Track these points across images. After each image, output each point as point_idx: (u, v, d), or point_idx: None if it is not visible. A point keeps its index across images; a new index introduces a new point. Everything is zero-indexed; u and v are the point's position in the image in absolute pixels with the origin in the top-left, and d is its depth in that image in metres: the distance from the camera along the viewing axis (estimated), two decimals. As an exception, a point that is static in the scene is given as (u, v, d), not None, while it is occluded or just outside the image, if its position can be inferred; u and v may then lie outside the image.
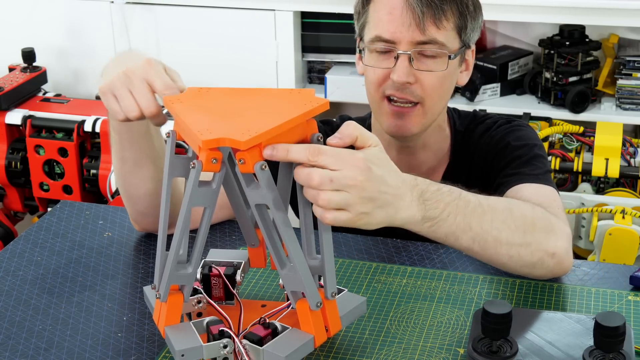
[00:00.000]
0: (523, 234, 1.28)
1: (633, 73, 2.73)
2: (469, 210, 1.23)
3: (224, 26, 2.95)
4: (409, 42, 1.45)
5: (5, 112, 2.86)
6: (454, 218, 1.21)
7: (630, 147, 2.62)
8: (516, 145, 1.55)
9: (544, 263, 1.30)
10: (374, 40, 1.47)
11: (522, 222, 1.28)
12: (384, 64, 1.48)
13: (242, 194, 1.19)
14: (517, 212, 1.29)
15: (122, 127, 1.35)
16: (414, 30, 1.44)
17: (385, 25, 1.46)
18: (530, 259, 1.29)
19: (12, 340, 1.26)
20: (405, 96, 1.48)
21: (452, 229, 1.22)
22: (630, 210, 2.45)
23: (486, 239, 1.25)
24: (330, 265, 1.12)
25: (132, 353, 1.22)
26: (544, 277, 1.34)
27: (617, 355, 1.09)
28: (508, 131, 1.58)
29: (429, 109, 1.50)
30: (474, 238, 1.25)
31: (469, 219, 1.23)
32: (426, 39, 1.45)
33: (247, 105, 1.11)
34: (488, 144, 1.59)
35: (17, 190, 2.98)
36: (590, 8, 2.62)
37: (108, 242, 1.52)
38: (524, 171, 1.49)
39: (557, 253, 1.30)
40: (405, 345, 1.22)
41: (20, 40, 3.06)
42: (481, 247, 1.26)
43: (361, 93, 2.93)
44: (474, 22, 1.50)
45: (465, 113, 1.67)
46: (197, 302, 1.18)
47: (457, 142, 1.62)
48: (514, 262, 1.29)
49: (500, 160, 1.55)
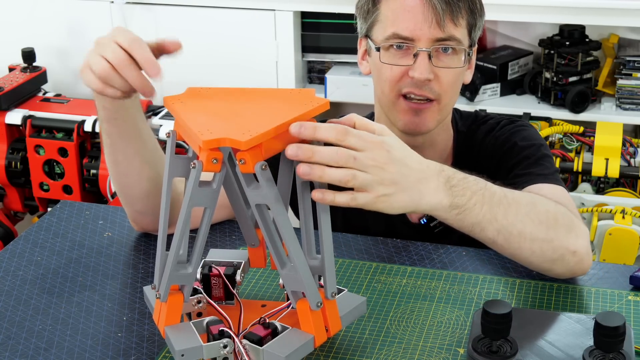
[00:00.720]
0: (546, 229, 1.28)
1: (633, 73, 2.73)
2: (494, 201, 1.24)
3: (224, 26, 2.95)
4: (428, 39, 1.45)
5: (5, 112, 2.86)
6: (480, 208, 1.22)
7: (630, 147, 2.63)
8: (523, 146, 1.55)
9: (564, 260, 1.30)
10: (390, 37, 1.47)
11: (546, 217, 1.29)
12: (401, 61, 1.48)
13: (242, 194, 1.19)
14: (541, 207, 1.30)
15: (113, 129, 1.35)
16: (434, 28, 1.44)
17: (404, 23, 1.46)
18: (552, 255, 1.29)
19: (12, 340, 1.26)
20: (424, 93, 1.48)
21: (479, 218, 1.23)
22: (630, 210, 2.45)
23: (511, 232, 1.26)
24: (331, 265, 1.12)
25: (132, 353, 1.22)
26: (564, 275, 1.34)
27: (617, 355, 1.09)
28: (513, 131, 1.59)
29: (445, 106, 1.51)
30: (499, 230, 1.25)
31: (495, 210, 1.24)
32: (445, 35, 1.45)
33: (247, 105, 1.11)
34: (493, 145, 1.59)
35: (17, 190, 2.98)
36: (590, 8, 2.62)
37: (108, 242, 1.52)
38: (534, 171, 1.50)
39: (578, 251, 1.31)
40: (405, 345, 1.22)
41: (20, 40, 3.06)
42: (505, 240, 1.26)
43: (361, 93, 2.95)
44: (480, 20, 1.51)
45: (466, 113, 1.67)
46: (197, 302, 1.18)
47: (459, 142, 1.62)
48: (536, 257, 1.29)
49: (507, 160, 1.55)
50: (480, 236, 1.26)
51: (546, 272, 1.34)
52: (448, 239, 1.54)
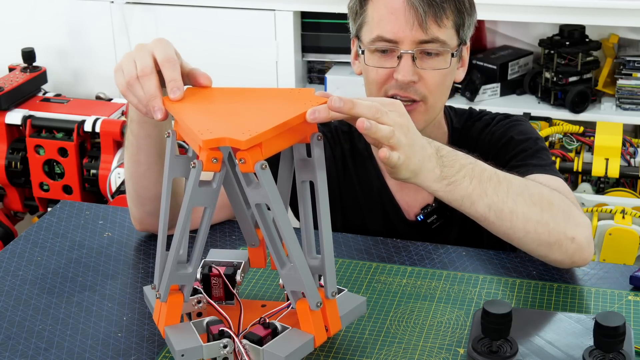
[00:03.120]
0: (540, 210, 1.28)
1: (633, 73, 2.73)
2: (485, 176, 1.25)
3: (224, 26, 2.95)
4: (411, 41, 1.45)
5: (5, 112, 2.86)
6: (469, 181, 1.23)
7: (630, 147, 2.63)
8: (520, 140, 1.55)
9: (562, 246, 1.30)
10: (375, 40, 1.47)
11: (539, 199, 1.29)
12: (386, 63, 1.48)
13: (242, 193, 1.19)
14: (534, 189, 1.30)
15: (141, 131, 1.35)
16: (416, 30, 1.44)
17: (387, 25, 1.46)
18: (547, 239, 1.29)
19: (12, 340, 1.26)
20: (409, 95, 1.48)
21: (468, 191, 1.24)
22: (630, 210, 2.45)
23: (502, 209, 1.26)
24: (330, 265, 1.12)
25: (132, 353, 1.22)
26: (564, 263, 1.34)
27: (617, 355, 1.09)
28: (509, 126, 1.59)
29: (432, 106, 1.51)
30: (490, 206, 1.26)
31: (485, 185, 1.25)
32: (428, 37, 1.45)
33: (247, 105, 1.11)
34: (490, 140, 1.59)
35: (17, 190, 2.98)
36: (590, 8, 2.62)
37: (108, 242, 1.52)
38: (530, 162, 1.50)
39: (577, 238, 1.30)
40: (405, 345, 1.22)
41: (20, 40, 3.06)
42: (497, 217, 1.27)
43: (361, 93, 2.93)
44: (470, 19, 1.50)
45: (461, 110, 1.67)
46: (197, 302, 1.18)
47: (454, 139, 1.62)
48: (531, 239, 1.29)
49: (504, 154, 1.55)
50: (470, 211, 1.26)
51: (545, 258, 1.34)
52: (445, 236, 1.54)
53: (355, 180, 1.63)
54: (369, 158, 1.62)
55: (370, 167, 1.62)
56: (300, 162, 1.12)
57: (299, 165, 1.12)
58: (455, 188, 1.22)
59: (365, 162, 1.62)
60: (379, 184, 1.61)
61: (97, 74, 3.14)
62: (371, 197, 1.62)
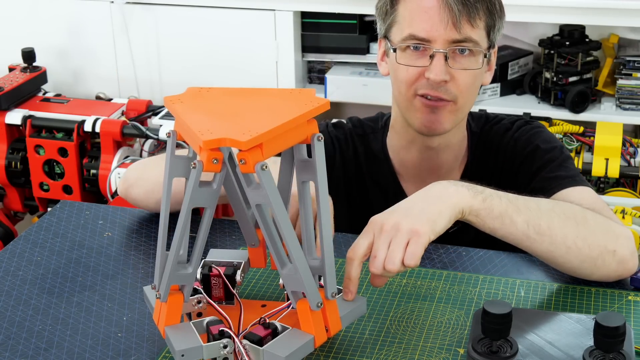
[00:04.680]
0: (575, 224, 1.28)
1: (633, 73, 2.73)
2: (510, 195, 1.29)
3: (224, 26, 2.95)
4: (445, 40, 1.45)
5: (5, 112, 2.86)
6: (499, 199, 1.27)
7: (630, 147, 2.63)
8: (546, 149, 1.55)
9: (605, 260, 1.29)
10: (407, 38, 1.47)
11: (572, 214, 1.29)
12: (418, 62, 1.48)
13: (242, 194, 1.19)
14: (564, 205, 1.33)
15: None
16: (450, 29, 1.44)
17: (421, 24, 1.45)
18: (589, 253, 1.29)
19: (12, 340, 1.26)
20: (439, 94, 1.48)
21: (504, 207, 1.26)
22: (630, 210, 2.45)
23: (539, 224, 1.27)
24: (331, 265, 1.12)
25: (132, 353, 1.22)
26: (608, 277, 1.33)
27: (617, 356, 1.09)
28: (532, 133, 1.59)
29: (461, 107, 1.50)
30: (528, 222, 1.27)
31: (515, 201, 1.28)
32: (461, 37, 1.45)
33: (247, 106, 1.11)
34: (514, 147, 1.59)
35: (17, 190, 2.97)
36: (590, 8, 2.62)
37: (108, 242, 1.52)
38: (560, 174, 1.50)
39: (618, 251, 1.30)
40: (405, 345, 1.22)
41: (20, 40, 3.06)
42: (537, 232, 1.27)
43: (361, 93, 2.95)
44: (500, 21, 1.51)
45: (477, 114, 1.67)
46: (197, 302, 1.18)
47: (473, 143, 1.62)
48: (574, 255, 1.29)
49: (531, 163, 1.55)
50: (511, 229, 1.27)
51: (590, 277, 1.33)
52: (461, 240, 1.53)
53: (368, 181, 1.62)
54: (385, 160, 1.62)
55: (386, 169, 1.62)
56: (300, 162, 1.12)
57: (299, 166, 1.12)
58: (492, 202, 1.26)
59: (381, 164, 1.62)
60: (395, 187, 1.61)
61: (97, 74, 3.14)
62: (386, 199, 1.61)
